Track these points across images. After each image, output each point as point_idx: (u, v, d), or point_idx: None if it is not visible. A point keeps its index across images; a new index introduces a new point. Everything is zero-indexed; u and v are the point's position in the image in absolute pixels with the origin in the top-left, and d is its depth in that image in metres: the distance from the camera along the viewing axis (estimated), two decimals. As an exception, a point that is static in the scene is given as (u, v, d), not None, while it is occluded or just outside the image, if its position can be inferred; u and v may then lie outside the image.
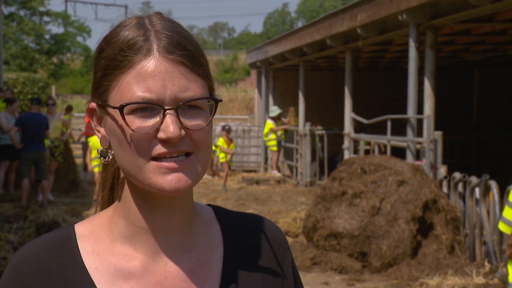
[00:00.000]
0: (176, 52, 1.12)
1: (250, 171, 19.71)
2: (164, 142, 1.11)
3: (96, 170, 11.87)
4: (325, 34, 14.11)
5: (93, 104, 1.19)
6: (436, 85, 10.41)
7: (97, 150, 1.23)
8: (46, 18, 46.44)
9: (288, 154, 19.33)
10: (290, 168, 19.35)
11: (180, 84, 1.11)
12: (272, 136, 17.82)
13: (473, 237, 8.09)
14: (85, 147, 15.99)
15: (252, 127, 21.22)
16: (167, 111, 1.10)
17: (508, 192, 7.19)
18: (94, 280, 1.17)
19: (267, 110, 21.02)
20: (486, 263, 7.68)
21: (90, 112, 1.21)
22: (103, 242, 1.20)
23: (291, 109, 20.10)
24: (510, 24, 10.87)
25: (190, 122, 1.12)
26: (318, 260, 8.43)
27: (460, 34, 12.14)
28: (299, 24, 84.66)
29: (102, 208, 1.29)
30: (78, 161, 16.59)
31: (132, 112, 1.11)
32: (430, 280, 7.43)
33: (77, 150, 18.29)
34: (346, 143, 13.95)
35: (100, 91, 1.17)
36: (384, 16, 10.96)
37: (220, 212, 1.31)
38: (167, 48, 1.12)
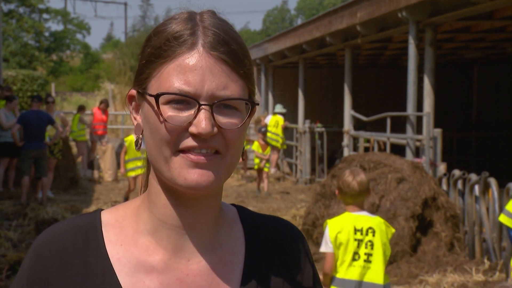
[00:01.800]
0: (220, 49, 1.12)
1: (250, 168, 19.69)
2: (195, 136, 1.11)
3: (130, 174, 11.26)
4: (325, 32, 14.11)
5: (133, 91, 1.20)
6: (436, 82, 10.41)
7: (135, 141, 1.22)
8: (45, 16, 46.40)
9: (288, 151, 19.33)
10: (290, 165, 19.36)
11: (220, 81, 1.11)
12: (281, 134, 17.63)
13: (472, 234, 8.10)
14: (122, 146, 16.00)
15: (251, 125, 21.22)
16: (202, 106, 1.10)
17: (509, 189, 7.20)
18: (115, 271, 1.17)
19: (266, 107, 21.01)
20: (485, 260, 7.69)
21: (130, 99, 1.22)
22: (127, 233, 1.20)
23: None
24: (509, 22, 10.87)
25: (224, 120, 1.12)
26: (317, 257, 8.44)
27: (459, 31, 12.13)
28: (299, 21, 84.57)
29: (140, 193, 1.29)
30: (78, 159, 16.57)
31: (168, 102, 1.11)
32: (429, 277, 7.44)
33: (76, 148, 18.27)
34: (346, 141, 13.95)
35: (141, 79, 1.17)
36: (383, 13, 10.96)
37: (243, 213, 1.31)
38: (212, 44, 1.12)
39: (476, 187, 8.03)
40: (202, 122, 1.09)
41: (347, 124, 14.02)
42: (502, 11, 9.92)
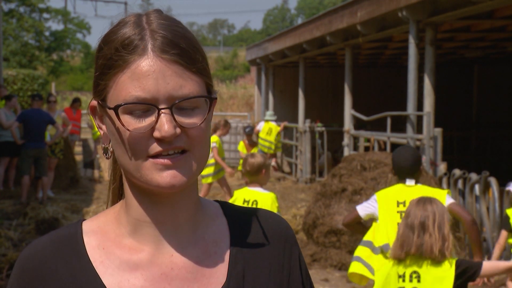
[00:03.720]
0: (170, 51, 1.13)
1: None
2: (159, 140, 1.12)
3: (207, 180, 10.96)
4: (325, 31, 14.11)
5: (94, 102, 1.21)
6: (436, 82, 10.41)
7: (103, 149, 1.25)
8: (45, 15, 46.36)
9: (288, 151, 19.33)
10: (290, 165, 19.35)
11: (175, 82, 1.12)
12: (278, 138, 17.66)
13: (472, 233, 8.08)
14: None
15: (252, 124, 21.22)
16: (162, 110, 1.12)
17: (509, 190, 7.19)
18: (98, 273, 1.18)
19: (267, 107, 21.01)
20: (486, 260, 7.69)
21: (92, 110, 1.23)
22: (109, 237, 1.22)
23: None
24: (509, 21, 10.87)
25: (185, 120, 1.14)
26: (318, 256, 8.44)
27: (459, 31, 12.13)
28: (299, 21, 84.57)
29: (112, 200, 1.32)
30: (78, 158, 16.58)
31: (128, 112, 1.13)
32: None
33: (77, 147, 18.28)
34: (346, 140, 13.95)
35: (99, 90, 1.18)
36: (383, 12, 10.96)
37: (226, 207, 1.32)
38: (161, 48, 1.13)
39: (477, 187, 8.03)
40: (164, 125, 1.11)
41: (348, 124, 14.02)
42: (503, 10, 9.91)
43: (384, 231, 4.58)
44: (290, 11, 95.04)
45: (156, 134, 1.12)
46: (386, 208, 4.62)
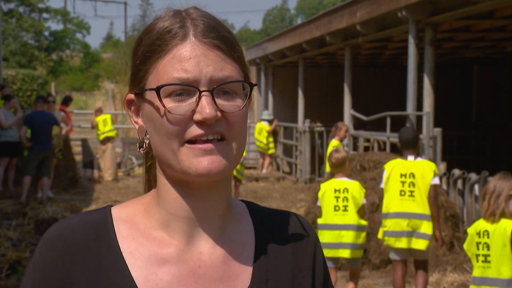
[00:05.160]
0: (211, 36, 1.15)
1: (249, 168, 19.69)
2: (200, 123, 1.13)
3: None
4: (325, 31, 14.11)
5: (131, 95, 1.22)
6: (436, 81, 10.41)
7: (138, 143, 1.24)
8: (45, 15, 46.38)
9: (288, 151, 19.33)
10: (290, 165, 19.35)
11: (216, 64, 1.14)
12: (270, 139, 17.81)
13: (472, 233, 8.09)
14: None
15: (251, 124, 21.22)
16: (203, 93, 1.12)
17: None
18: (128, 264, 1.17)
19: (266, 107, 21.02)
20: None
21: (128, 104, 1.23)
22: (139, 228, 1.21)
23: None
24: (509, 21, 10.87)
25: (225, 103, 1.14)
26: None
27: (459, 30, 12.13)
28: (299, 21, 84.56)
29: (144, 190, 1.31)
30: (78, 158, 16.58)
31: (169, 95, 1.13)
32: (429, 276, 7.44)
33: (76, 147, 18.28)
34: (346, 140, 13.94)
35: (138, 79, 1.19)
36: (383, 12, 10.96)
37: (253, 208, 1.32)
38: (203, 32, 1.15)
39: (476, 187, 8.04)
40: (205, 107, 1.11)
41: (347, 124, 14.01)
42: (502, 10, 9.92)
43: (387, 199, 6.17)
44: (290, 11, 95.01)
45: (197, 116, 1.12)
46: (391, 177, 6.14)
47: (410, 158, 6.14)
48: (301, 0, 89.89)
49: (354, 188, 6.18)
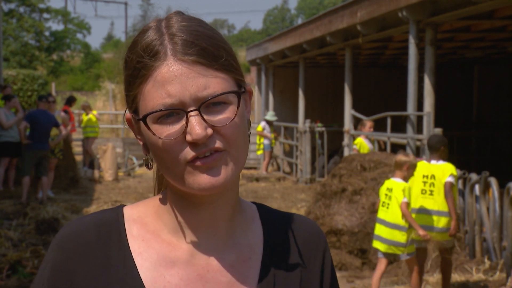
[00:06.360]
0: (190, 53, 1.12)
1: (250, 168, 19.69)
2: (193, 144, 1.11)
3: None
4: (325, 31, 14.11)
5: (128, 115, 1.22)
6: (436, 82, 10.41)
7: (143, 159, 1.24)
8: (45, 15, 46.36)
9: (288, 151, 19.32)
10: (290, 165, 19.35)
11: (199, 83, 1.11)
12: (261, 140, 17.90)
13: (473, 234, 8.09)
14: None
15: (252, 124, 21.22)
16: (190, 113, 1.11)
17: (509, 189, 7.20)
18: (137, 265, 1.18)
19: (267, 107, 21.02)
20: (486, 260, 7.69)
21: (129, 122, 1.23)
22: (149, 229, 1.22)
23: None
24: (509, 21, 10.87)
25: (216, 118, 1.12)
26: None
27: (459, 31, 12.13)
28: (299, 21, 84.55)
29: (155, 192, 1.31)
30: (78, 158, 16.58)
31: (158, 120, 1.12)
32: (430, 277, 7.44)
33: (77, 147, 18.29)
34: (346, 140, 13.95)
35: (130, 102, 1.19)
36: (384, 13, 10.96)
37: (263, 210, 1.32)
38: (182, 50, 1.12)
39: (477, 187, 8.03)
40: (194, 128, 1.10)
41: (348, 124, 14.02)
42: (503, 10, 9.92)
43: (413, 196, 6.55)
44: (290, 11, 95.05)
45: (188, 138, 1.11)
46: (415, 177, 6.68)
47: (433, 161, 6.80)
48: (302, 0, 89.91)
49: (396, 188, 6.50)
